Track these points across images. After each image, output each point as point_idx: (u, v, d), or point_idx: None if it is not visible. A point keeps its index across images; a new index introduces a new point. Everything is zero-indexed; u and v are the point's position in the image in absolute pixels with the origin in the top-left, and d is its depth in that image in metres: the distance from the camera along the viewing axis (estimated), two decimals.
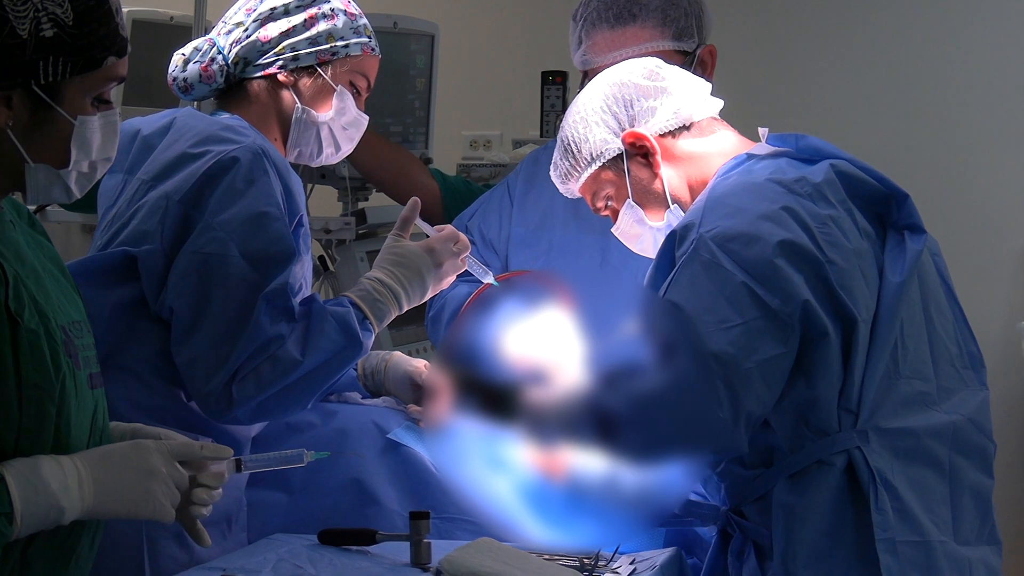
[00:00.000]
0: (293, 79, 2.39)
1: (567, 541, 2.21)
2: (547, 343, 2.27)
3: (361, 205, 3.46)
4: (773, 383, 2.00)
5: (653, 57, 2.42)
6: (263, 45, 2.38)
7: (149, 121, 2.41)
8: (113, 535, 1.98)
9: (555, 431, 2.10)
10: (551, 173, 2.35)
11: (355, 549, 2.21)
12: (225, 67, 2.39)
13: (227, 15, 2.42)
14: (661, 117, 2.23)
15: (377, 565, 2.14)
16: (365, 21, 2.44)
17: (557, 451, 2.14)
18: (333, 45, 2.38)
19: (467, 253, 2.44)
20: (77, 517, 1.72)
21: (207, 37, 2.42)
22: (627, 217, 2.26)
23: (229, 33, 2.39)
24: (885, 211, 2.14)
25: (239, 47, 2.38)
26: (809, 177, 2.11)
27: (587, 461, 2.14)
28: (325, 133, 2.42)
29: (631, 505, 2.15)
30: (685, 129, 2.24)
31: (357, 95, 2.44)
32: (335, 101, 2.40)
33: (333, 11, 2.40)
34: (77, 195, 1.79)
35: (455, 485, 2.36)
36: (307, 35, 2.38)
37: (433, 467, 2.42)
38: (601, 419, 2.01)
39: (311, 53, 2.38)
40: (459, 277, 2.48)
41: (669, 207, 2.22)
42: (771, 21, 4.80)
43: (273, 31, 2.38)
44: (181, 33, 3.39)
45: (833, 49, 4.74)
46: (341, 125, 2.43)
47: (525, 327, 2.32)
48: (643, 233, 2.27)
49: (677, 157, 2.23)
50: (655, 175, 2.23)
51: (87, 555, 1.83)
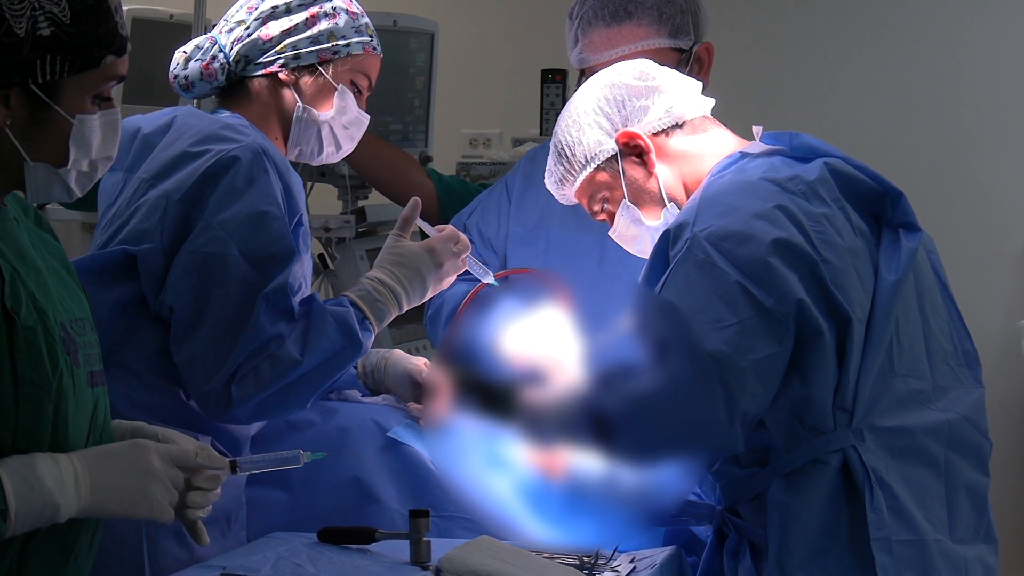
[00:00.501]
0: (294, 78, 2.39)
1: (567, 540, 2.21)
2: (544, 341, 2.27)
3: (361, 203, 3.46)
4: (768, 382, 2.00)
5: (647, 56, 2.43)
6: (264, 43, 2.38)
7: (149, 119, 2.41)
8: (113, 533, 1.98)
9: (552, 431, 2.10)
10: (546, 180, 2.34)
11: (355, 547, 2.21)
12: (226, 65, 2.39)
13: (229, 13, 2.42)
14: (654, 116, 2.22)
15: (377, 563, 2.14)
16: (367, 20, 2.44)
17: (555, 451, 2.14)
18: (335, 44, 2.38)
19: (467, 253, 2.44)
20: (73, 515, 1.72)
21: (209, 35, 2.42)
22: (623, 218, 2.26)
23: (231, 31, 2.39)
24: (880, 209, 2.14)
25: (240, 45, 2.38)
26: (803, 175, 2.10)
27: (586, 460, 2.14)
28: (326, 132, 2.42)
29: (630, 504, 2.15)
30: (678, 127, 2.23)
31: (358, 94, 2.44)
32: (336, 100, 2.40)
33: (335, 10, 2.40)
34: (78, 194, 1.79)
35: (455, 483, 2.35)
36: (309, 34, 2.38)
37: (433, 465, 2.42)
38: (597, 420, 2.01)
39: (312, 52, 2.38)
40: (459, 277, 2.48)
41: (666, 206, 2.22)
42: (770, 19, 4.80)
43: (275, 29, 2.38)
44: (181, 31, 3.39)
45: (831, 47, 4.74)
46: (342, 124, 2.43)
47: (523, 325, 2.32)
48: (640, 234, 2.27)
49: (671, 155, 2.23)
50: (650, 174, 2.23)
51: (86, 554, 1.83)
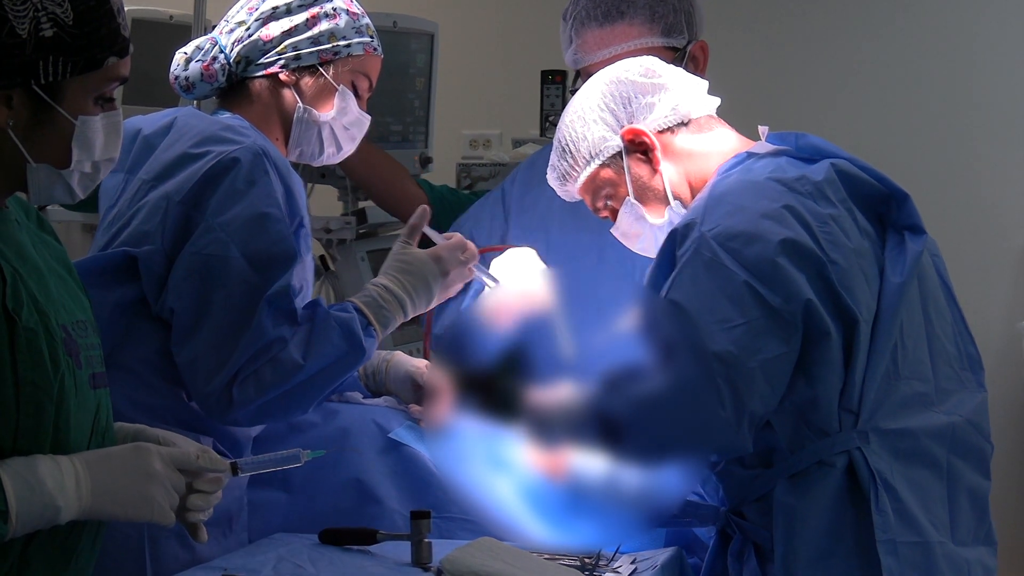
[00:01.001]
0: (295, 78, 2.38)
1: (568, 541, 2.21)
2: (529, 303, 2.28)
3: (361, 205, 3.46)
4: (776, 382, 2.00)
5: (647, 55, 2.43)
6: (265, 44, 2.38)
7: (150, 120, 2.40)
8: (115, 535, 1.98)
9: (558, 433, 2.10)
10: (548, 176, 2.34)
11: (356, 549, 2.21)
12: (227, 66, 2.39)
13: (229, 14, 2.42)
14: (659, 113, 2.22)
15: (378, 565, 2.14)
16: (367, 21, 2.44)
17: (560, 451, 2.14)
18: (335, 44, 2.38)
19: (475, 262, 2.44)
20: (74, 517, 1.72)
21: (209, 36, 2.42)
22: (627, 216, 2.26)
23: (231, 32, 2.39)
24: (885, 211, 2.14)
25: (241, 46, 2.38)
26: (810, 176, 2.10)
27: (588, 461, 2.14)
28: (327, 133, 2.42)
29: (631, 505, 2.15)
30: (683, 126, 2.23)
31: (359, 95, 2.44)
32: (337, 101, 2.40)
33: (335, 10, 2.39)
34: (80, 195, 1.79)
35: (456, 485, 2.35)
36: (309, 34, 2.38)
37: (434, 467, 2.42)
38: (604, 423, 2.01)
39: (313, 52, 2.37)
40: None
41: (670, 203, 2.22)
42: (772, 20, 4.81)
43: (275, 30, 2.38)
44: (181, 32, 3.39)
45: (833, 48, 4.74)
46: (343, 125, 2.43)
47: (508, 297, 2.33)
48: (643, 232, 2.26)
49: (676, 153, 2.23)
50: (655, 171, 2.23)
51: (88, 555, 1.83)
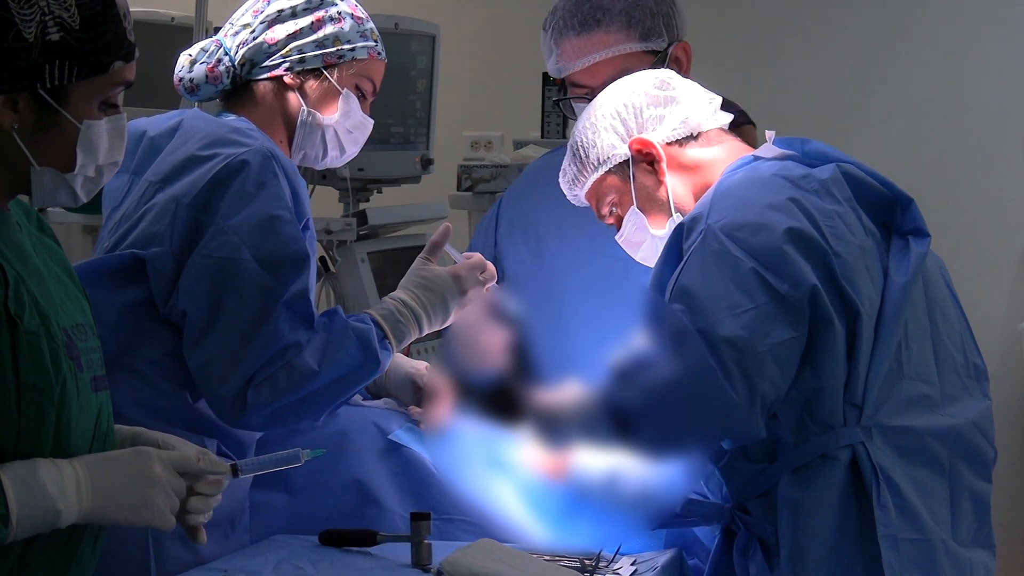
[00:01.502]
0: (299, 81, 2.39)
1: (568, 542, 2.22)
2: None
3: (362, 206, 3.47)
4: (786, 367, 2.01)
5: (620, 62, 2.47)
6: (269, 47, 2.38)
7: (156, 122, 2.41)
8: (119, 535, 1.98)
9: (569, 432, 2.12)
10: (560, 179, 2.37)
11: (356, 550, 2.21)
12: (231, 68, 2.39)
13: (234, 17, 2.42)
14: (668, 125, 2.25)
15: (378, 566, 2.14)
16: (372, 25, 2.44)
17: (569, 452, 2.15)
18: (340, 48, 2.39)
19: (493, 283, 2.45)
20: (75, 521, 1.72)
21: (214, 38, 2.42)
22: (631, 224, 2.28)
23: (236, 35, 2.40)
24: (890, 216, 2.15)
25: (245, 49, 2.38)
26: (815, 175, 2.13)
27: (589, 461, 2.15)
28: (330, 135, 2.42)
29: (633, 505, 2.16)
30: (692, 139, 2.26)
31: (363, 98, 2.44)
32: (341, 104, 2.40)
33: (340, 14, 2.40)
34: (83, 199, 1.79)
35: (456, 486, 2.36)
36: (314, 38, 2.38)
37: (434, 468, 2.42)
38: (617, 415, 2.03)
39: (317, 56, 2.38)
40: None
41: (672, 216, 2.24)
42: (772, 24, 4.81)
43: (280, 33, 2.38)
44: (182, 34, 3.40)
45: (832, 50, 4.75)
46: (346, 128, 2.43)
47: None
48: (645, 241, 2.28)
49: (683, 166, 2.25)
50: (660, 183, 2.25)
51: (89, 558, 1.83)
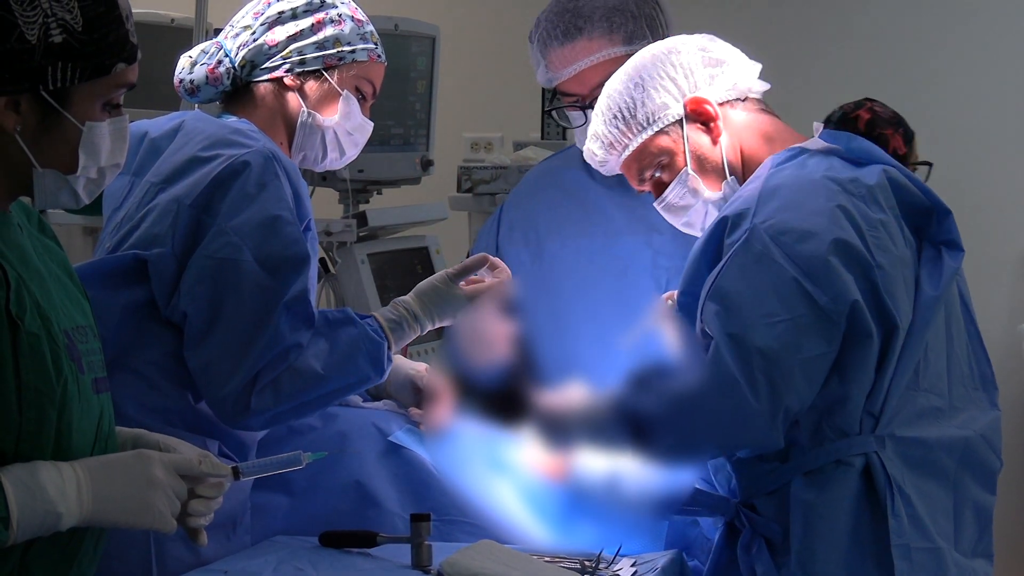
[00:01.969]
0: (299, 83, 2.39)
1: (568, 543, 2.22)
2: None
3: (362, 207, 3.47)
4: (814, 380, 2.01)
5: (606, 67, 2.45)
6: (270, 49, 2.38)
7: (157, 123, 2.41)
8: (120, 537, 1.98)
9: (576, 436, 2.11)
10: (589, 146, 2.30)
11: (356, 551, 2.21)
12: (232, 70, 2.39)
13: (235, 19, 2.43)
14: (722, 85, 2.21)
15: (378, 567, 2.14)
16: (372, 28, 2.44)
17: (574, 454, 2.15)
18: (340, 50, 2.39)
19: (505, 277, 2.44)
20: (75, 524, 1.72)
21: (214, 40, 2.43)
22: (680, 188, 2.23)
23: (236, 36, 2.40)
24: (925, 224, 2.12)
25: (246, 50, 2.38)
26: (863, 179, 2.10)
27: (590, 461, 2.15)
28: (330, 137, 2.42)
29: (632, 506, 2.16)
30: (741, 102, 2.23)
31: (363, 100, 2.45)
32: (341, 106, 2.41)
33: (340, 17, 2.40)
34: (85, 201, 1.79)
35: (456, 487, 2.36)
36: (314, 39, 2.38)
37: (434, 469, 2.42)
38: (632, 421, 2.02)
39: (318, 57, 2.38)
40: None
41: (726, 178, 2.20)
42: (765, 20, 4.81)
43: (280, 35, 2.38)
44: (182, 35, 3.40)
45: (831, 50, 4.75)
46: (346, 130, 2.43)
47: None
48: (694, 206, 2.24)
49: (735, 128, 2.21)
50: (715, 142, 2.20)
51: (90, 560, 1.83)
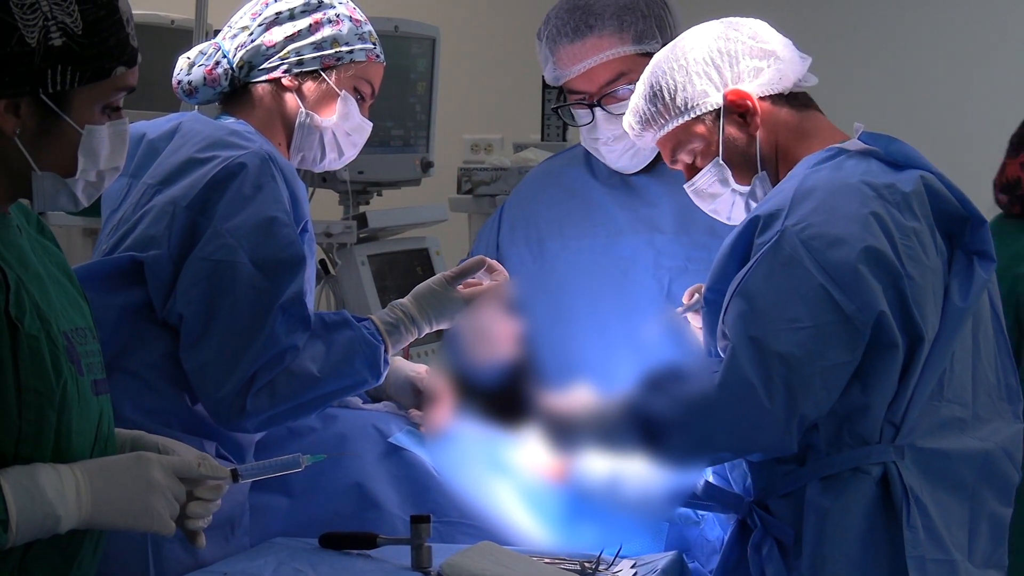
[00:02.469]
0: (297, 83, 2.39)
1: (569, 544, 2.22)
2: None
3: (362, 209, 3.48)
4: (833, 389, 1.99)
5: (616, 66, 2.43)
6: (268, 49, 2.38)
7: (155, 125, 2.41)
8: (117, 539, 1.98)
9: (583, 438, 2.10)
10: (627, 119, 2.28)
11: (356, 553, 2.21)
12: (230, 71, 2.39)
13: (233, 19, 2.43)
14: (765, 79, 2.18)
15: (378, 569, 2.14)
16: (370, 28, 2.44)
17: (578, 456, 2.14)
18: (338, 50, 2.39)
19: (503, 279, 2.44)
20: (74, 526, 1.71)
21: (212, 41, 2.43)
22: (710, 176, 2.21)
23: (234, 37, 2.40)
24: (958, 232, 2.09)
25: (244, 51, 2.38)
26: (899, 185, 2.06)
27: (591, 462, 2.14)
28: (328, 138, 2.42)
29: (634, 507, 2.16)
30: (783, 97, 2.19)
31: (361, 101, 2.44)
32: (339, 106, 2.40)
33: (338, 17, 2.40)
34: (84, 204, 1.79)
35: (456, 489, 2.36)
36: (312, 40, 2.38)
37: (434, 471, 2.42)
38: (645, 424, 2.01)
39: (316, 58, 2.38)
40: None
41: (758, 172, 2.18)
42: (767, 22, 4.81)
43: (278, 35, 2.38)
44: (182, 37, 3.40)
45: (832, 51, 4.74)
46: (345, 131, 2.43)
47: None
48: (723, 195, 2.22)
49: (774, 123, 2.18)
50: (751, 137, 2.18)
51: (90, 562, 1.82)
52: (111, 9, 1.74)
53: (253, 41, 2.38)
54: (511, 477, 2.32)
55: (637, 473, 2.09)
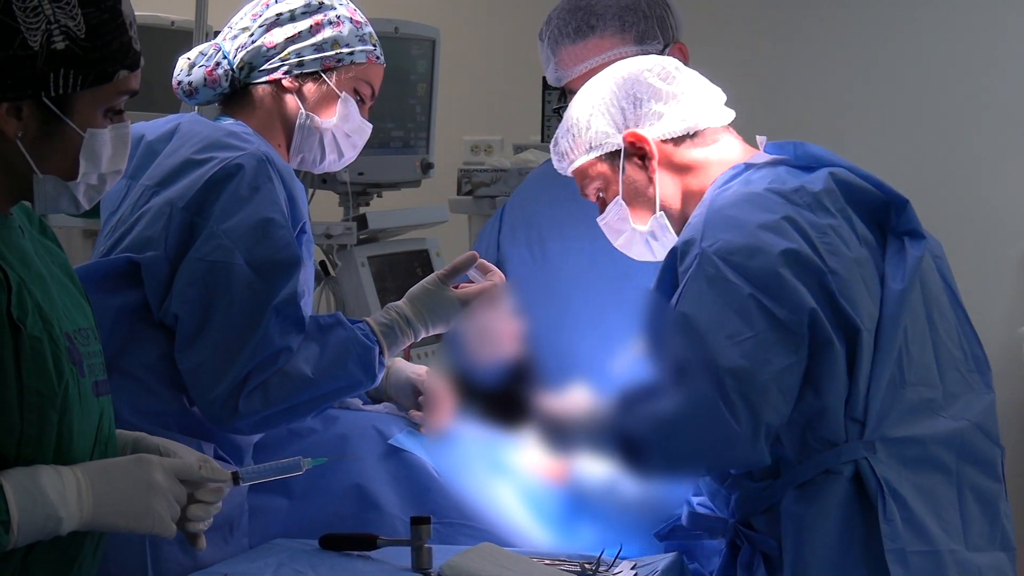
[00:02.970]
0: (297, 84, 2.39)
1: (569, 545, 2.22)
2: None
3: (362, 210, 3.48)
4: (788, 393, 2.00)
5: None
6: (268, 50, 2.38)
7: (154, 126, 2.41)
8: (117, 539, 1.98)
9: (578, 444, 2.12)
10: (551, 146, 2.33)
11: (356, 554, 2.21)
12: (230, 72, 2.39)
13: (233, 20, 2.43)
14: (666, 123, 2.21)
15: (378, 570, 2.14)
16: (371, 29, 2.44)
17: (575, 458, 2.15)
18: (338, 52, 2.39)
19: (499, 280, 2.44)
20: (75, 528, 1.72)
21: (213, 42, 2.43)
22: (613, 213, 2.26)
23: (235, 38, 2.40)
24: (884, 218, 2.13)
25: (244, 52, 2.39)
26: (808, 186, 2.10)
27: (591, 465, 2.15)
28: (328, 139, 2.43)
29: (633, 509, 2.16)
30: (689, 138, 2.22)
31: (361, 103, 2.45)
32: (339, 108, 2.41)
33: (339, 18, 2.40)
34: (85, 207, 1.79)
35: (457, 490, 2.36)
36: (312, 41, 2.38)
37: (435, 472, 2.42)
38: (623, 441, 2.03)
39: (316, 59, 2.38)
40: None
41: (655, 213, 2.22)
42: (772, 25, 4.81)
43: (279, 36, 2.38)
44: (182, 38, 3.40)
45: (833, 52, 4.75)
46: (345, 132, 2.43)
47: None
48: (625, 231, 2.27)
49: (676, 165, 2.21)
50: (649, 180, 2.21)
51: (90, 563, 1.83)
52: (114, 13, 1.74)
53: (254, 42, 2.39)
54: (511, 478, 2.32)
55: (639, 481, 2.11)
